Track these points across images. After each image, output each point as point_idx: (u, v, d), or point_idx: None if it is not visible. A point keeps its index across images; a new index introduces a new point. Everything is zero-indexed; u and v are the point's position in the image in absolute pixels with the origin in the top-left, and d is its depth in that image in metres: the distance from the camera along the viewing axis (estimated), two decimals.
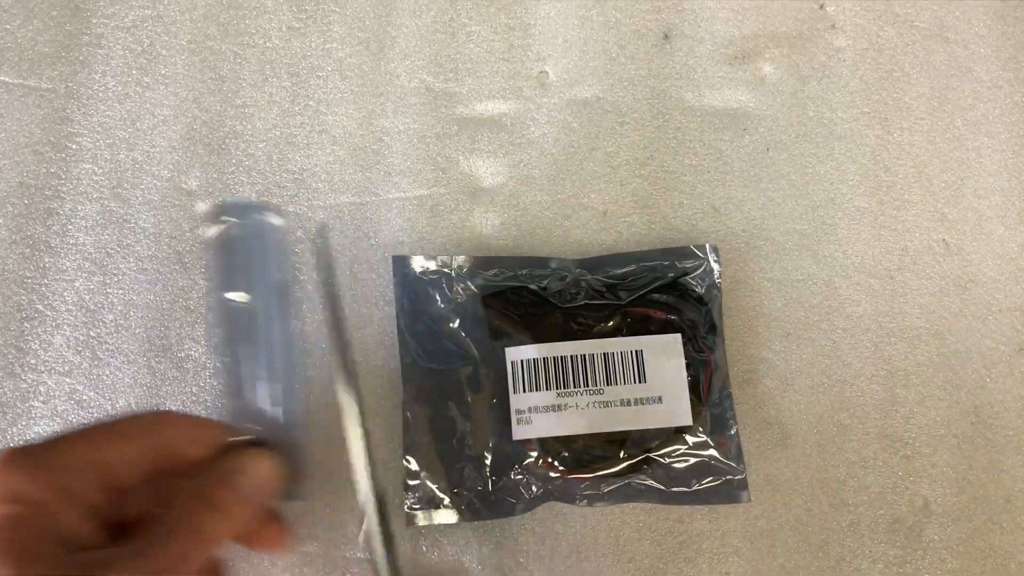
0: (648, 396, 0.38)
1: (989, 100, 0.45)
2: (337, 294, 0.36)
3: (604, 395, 0.38)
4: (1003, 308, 0.43)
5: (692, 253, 0.41)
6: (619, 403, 0.38)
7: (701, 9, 0.46)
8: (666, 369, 0.39)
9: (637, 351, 0.39)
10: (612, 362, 0.39)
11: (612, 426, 0.38)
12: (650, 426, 0.38)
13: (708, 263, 0.41)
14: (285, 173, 0.44)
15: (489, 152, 0.45)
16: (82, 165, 0.45)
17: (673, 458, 0.39)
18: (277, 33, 0.46)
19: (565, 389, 0.39)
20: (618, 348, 0.39)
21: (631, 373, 0.39)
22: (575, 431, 0.38)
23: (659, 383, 0.39)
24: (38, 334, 0.42)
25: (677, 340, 0.39)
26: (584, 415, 0.38)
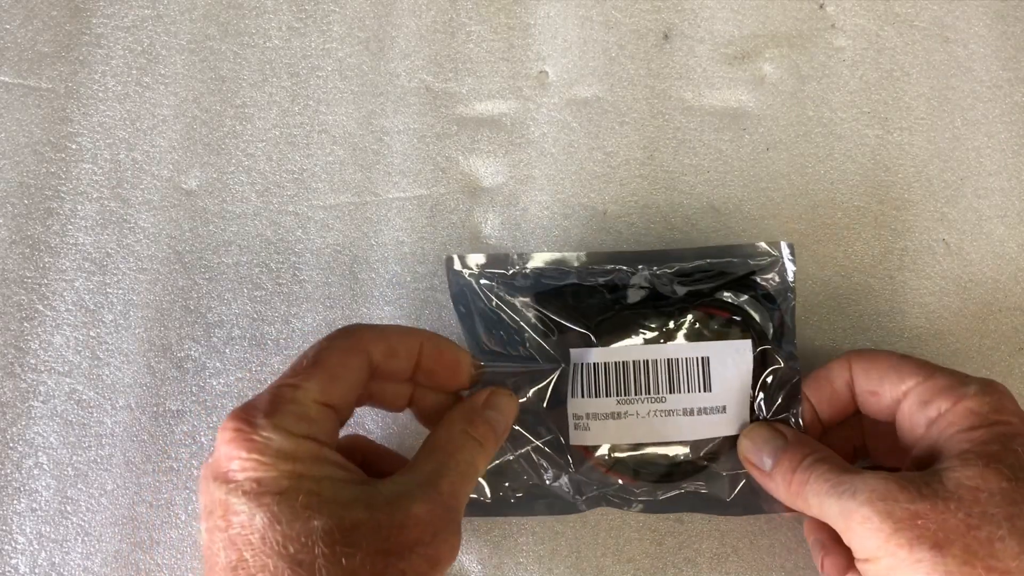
0: (712, 406, 0.37)
1: (989, 100, 0.45)
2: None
3: (666, 403, 0.37)
4: (1003, 308, 0.43)
5: (765, 251, 0.38)
6: (681, 412, 0.37)
7: (701, 9, 0.46)
8: (732, 377, 0.37)
9: (703, 358, 0.37)
10: (677, 369, 0.37)
11: (672, 436, 0.37)
12: (712, 435, 0.37)
13: (782, 261, 0.38)
14: (285, 173, 0.44)
15: (489, 152, 0.45)
16: (82, 165, 0.45)
17: (731, 468, 0.37)
18: (277, 33, 0.46)
19: (626, 396, 0.37)
20: (684, 354, 0.37)
21: (696, 381, 0.37)
22: (634, 440, 0.37)
23: (724, 392, 0.37)
24: (38, 334, 0.42)
25: (747, 347, 0.37)
26: (644, 424, 0.37)
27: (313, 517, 0.26)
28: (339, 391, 0.31)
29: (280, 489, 0.27)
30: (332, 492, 0.28)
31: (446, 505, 0.29)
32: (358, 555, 0.26)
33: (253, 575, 0.26)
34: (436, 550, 0.28)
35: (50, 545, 0.40)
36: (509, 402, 0.35)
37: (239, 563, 0.27)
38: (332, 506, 0.27)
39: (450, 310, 0.43)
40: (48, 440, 0.41)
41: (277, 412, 0.29)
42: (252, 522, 0.27)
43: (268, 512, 0.27)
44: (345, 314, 0.43)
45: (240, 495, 0.27)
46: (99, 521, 0.40)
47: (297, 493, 0.27)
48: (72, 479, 0.41)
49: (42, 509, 0.40)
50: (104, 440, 0.41)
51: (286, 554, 0.26)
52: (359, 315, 0.43)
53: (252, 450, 0.28)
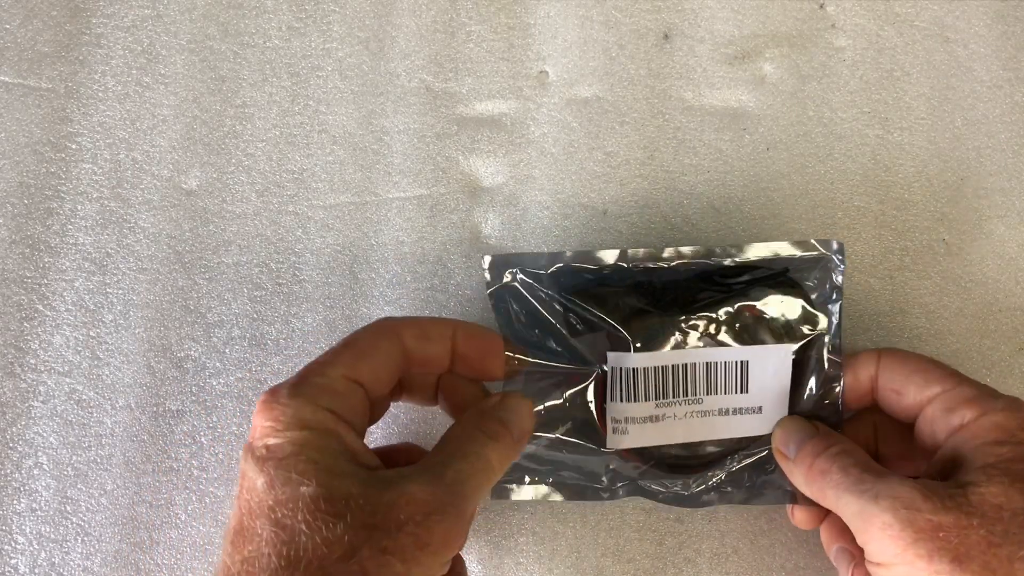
0: (748, 406, 0.37)
1: (989, 100, 0.45)
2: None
3: (703, 404, 0.37)
4: (1003, 308, 0.43)
5: (813, 246, 0.37)
6: (717, 412, 0.37)
7: (701, 9, 0.46)
8: (771, 380, 0.37)
9: (743, 362, 0.37)
10: (715, 372, 0.37)
11: (708, 435, 0.37)
12: (746, 434, 0.37)
13: (832, 261, 0.37)
14: (285, 173, 0.44)
15: (489, 152, 0.45)
16: (82, 165, 0.45)
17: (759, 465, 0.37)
18: (277, 33, 0.46)
19: (664, 400, 0.37)
20: (723, 358, 0.37)
21: (734, 383, 0.37)
22: (671, 441, 0.37)
23: (761, 393, 0.37)
24: (38, 334, 0.42)
25: (788, 352, 0.37)
26: (681, 425, 0.37)
27: (303, 484, 0.27)
28: (368, 368, 0.32)
29: (283, 455, 0.28)
30: (331, 463, 0.28)
31: (447, 490, 0.29)
32: (340, 526, 0.26)
33: (246, 537, 0.27)
34: (427, 531, 0.27)
35: (50, 545, 0.40)
36: (522, 404, 0.35)
37: (238, 526, 0.28)
38: (325, 476, 0.28)
39: (451, 310, 0.43)
40: (48, 440, 0.41)
41: (301, 383, 0.30)
42: (255, 486, 0.28)
43: (267, 476, 0.28)
44: (345, 314, 0.43)
45: (251, 460, 0.28)
46: (99, 521, 0.40)
47: (296, 460, 0.28)
48: (72, 479, 0.41)
49: (42, 509, 0.40)
50: (104, 440, 0.41)
51: (273, 518, 0.27)
52: (359, 315, 0.43)
53: (269, 418, 0.29)
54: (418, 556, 0.27)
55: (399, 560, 0.27)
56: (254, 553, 0.27)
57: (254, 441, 0.29)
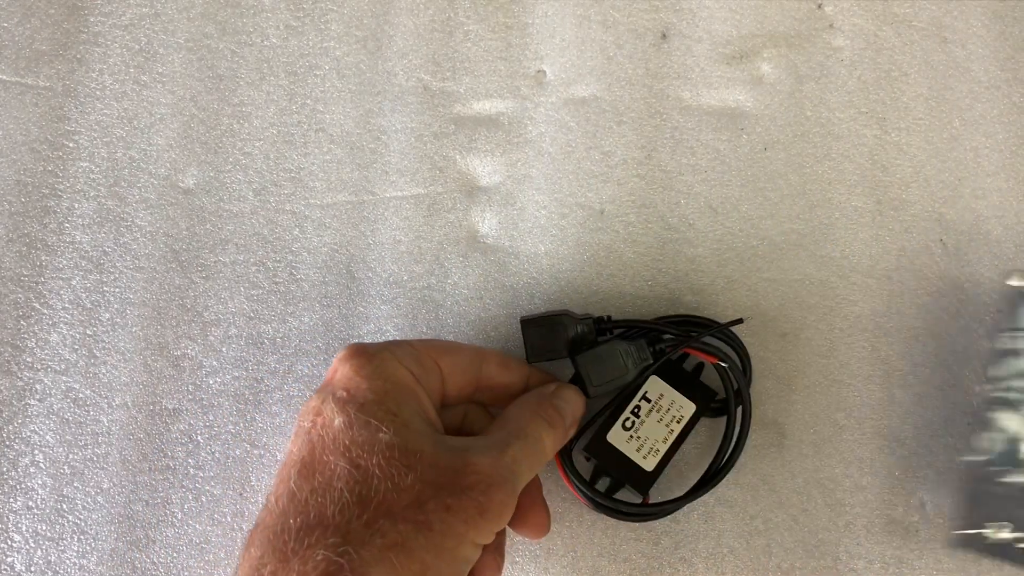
0: None
1: (987, 100, 0.45)
2: None
3: None
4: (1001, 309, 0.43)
5: None
6: None
7: (699, 9, 0.46)
8: None
9: None
10: None
11: None
12: None
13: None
14: (282, 172, 0.44)
15: (486, 151, 0.45)
16: (79, 163, 0.45)
17: None
18: (275, 32, 0.46)
19: None
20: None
21: None
22: None
23: None
24: (34, 332, 0.42)
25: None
26: None
27: (381, 431, 0.29)
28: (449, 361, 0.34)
29: (364, 400, 0.30)
30: (407, 418, 0.30)
31: (507, 467, 0.30)
32: (410, 476, 0.28)
33: (317, 469, 0.28)
34: (488, 499, 0.29)
35: (46, 543, 0.40)
36: (577, 396, 0.37)
37: (309, 458, 0.29)
38: (402, 428, 0.29)
39: (447, 309, 0.43)
40: (44, 438, 0.41)
41: (389, 344, 0.32)
42: (332, 423, 0.29)
43: (346, 417, 0.29)
44: (342, 312, 0.43)
45: (331, 401, 0.30)
46: (95, 519, 0.40)
47: (376, 408, 0.29)
48: (68, 477, 0.41)
49: (38, 507, 0.40)
50: (100, 438, 0.41)
51: (348, 456, 0.28)
52: (356, 314, 0.43)
53: (354, 365, 0.31)
54: (477, 521, 0.29)
55: (461, 520, 0.28)
56: (324, 484, 0.28)
57: (334, 384, 0.31)
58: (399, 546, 0.27)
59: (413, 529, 0.27)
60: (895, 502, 0.41)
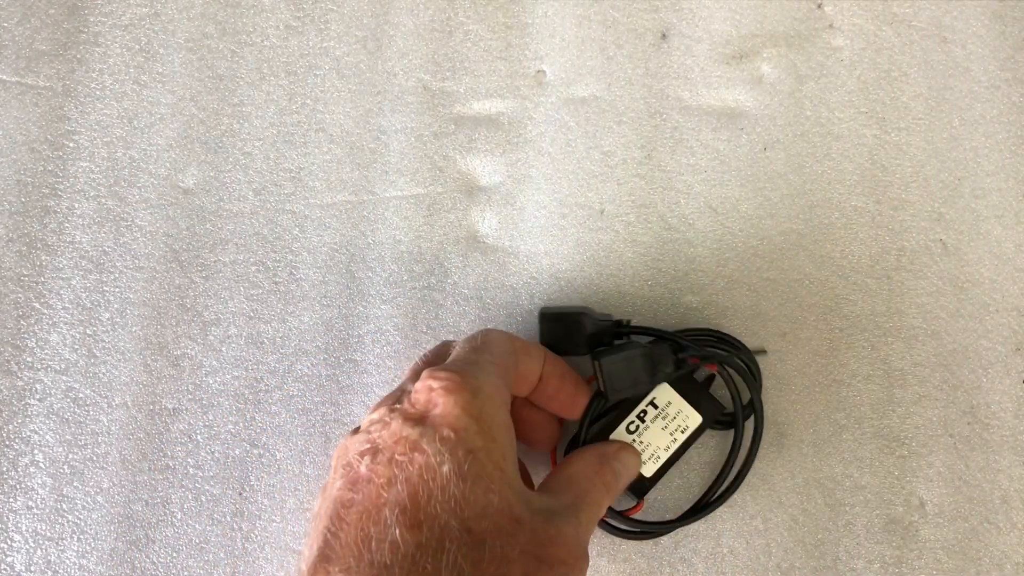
0: None
1: (987, 100, 0.45)
2: None
3: None
4: (1000, 308, 0.43)
5: None
6: None
7: (699, 8, 0.46)
8: None
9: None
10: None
11: None
12: None
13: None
14: (282, 172, 0.44)
15: (486, 151, 0.45)
16: (79, 163, 0.45)
17: None
18: (275, 31, 0.46)
19: None
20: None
21: None
22: None
23: None
24: (35, 332, 0.42)
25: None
26: None
27: (491, 491, 0.27)
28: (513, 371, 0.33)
29: (474, 447, 0.27)
30: (511, 474, 0.28)
31: (584, 538, 0.30)
32: (517, 548, 0.26)
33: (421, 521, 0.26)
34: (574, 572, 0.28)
35: (46, 543, 0.40)
36: (635, 462, 0.36)
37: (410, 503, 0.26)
38: (508, 489, 0.27)
39: (447, 309, 0.43)
40: (44, 438, 0.41)
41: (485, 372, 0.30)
42: (439, 469, 0.26)
43: (457, 466, 0.27)
44: (342, 313, 0.43)
45: (435, 439, 0.27)
46: (95, 519, 0.40)
47: (487, 460, 0.27)
48: (68, 477, 0.41)
49: (38, 507, 0.40)
50: (100, 438, 0.41)
51: (460, 515, 0.26)
52: (356, 314, 0.43)
53: (459, 401, 0.28)
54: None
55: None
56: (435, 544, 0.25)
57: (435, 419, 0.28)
58: None
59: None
60: (895, 502, 0.41)
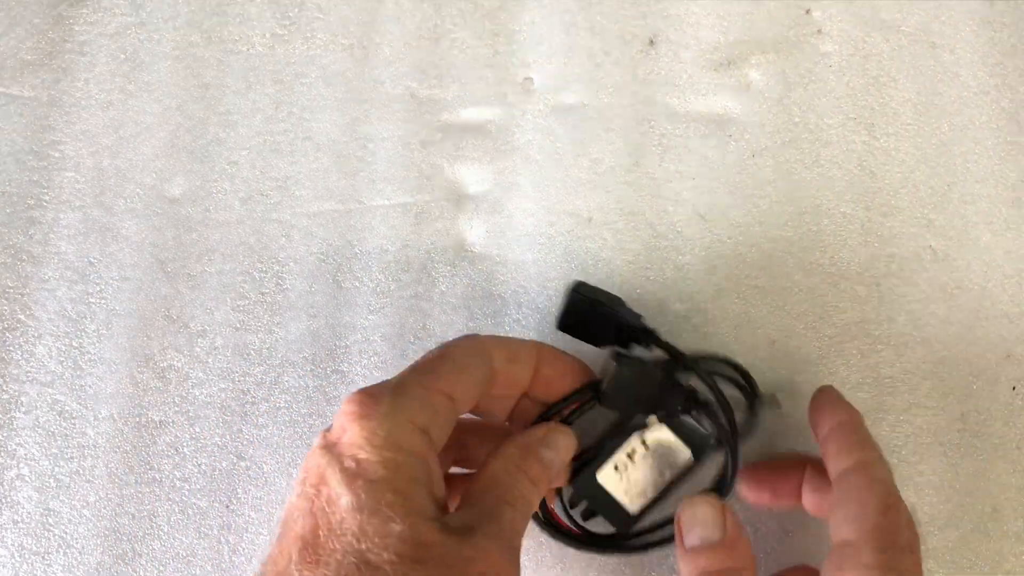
0: None
1: (976, 106, 0.45)
2: None
3: None
4: (990, 315, 0.42)
5: None
6: None
7: (687, 15, 0.46)
8: None
9: None
10: None
11: None
12: None
13: None
14: (269, 180, 0.44)
15: (474, 159, 0.45)
16: (65, 173, 0.44)
17: None
18: (261, 40, 0.46)
19: None
20: None
21: None
22: None
23: None
24: (19, 344, 0.42)
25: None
26: None
27: (392, 520, 0.26)
28: (462, 384, 0.31)
29: (375, 477, 0.26)
30: (419, 501, 0.27)
31: (508, 543, 0.29)
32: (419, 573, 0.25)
33: (319, 556, 0.25)
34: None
35: (32, 557, 0.40)
36: (567, 441, 0.34)
37: (311, 537, 0.26)
38: (413, 515, 0.26)
39: (435, 318, 0.42)
40: (30, 451, 0.41)
41: (403, 395, 0.29)
42: (338, 501, 0.26)
43: (355, 497, 0.26)
44: (329, 323, 0.42)
45: (337, 470, 0.27)
46: (81, 533, 0.40)
47: (387, 488, 0.26)
48: (54, 490, 0.40)
49: (24, 521, 0.40)
50: (87, 451, 0.41)
51: (358, 549, 0.25)
52: (343, 324, 0.42)
53: (365, 428, 0.27)
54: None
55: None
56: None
57: (342, 447, 0.27)
58: None
59: None
60: None
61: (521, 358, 0.34)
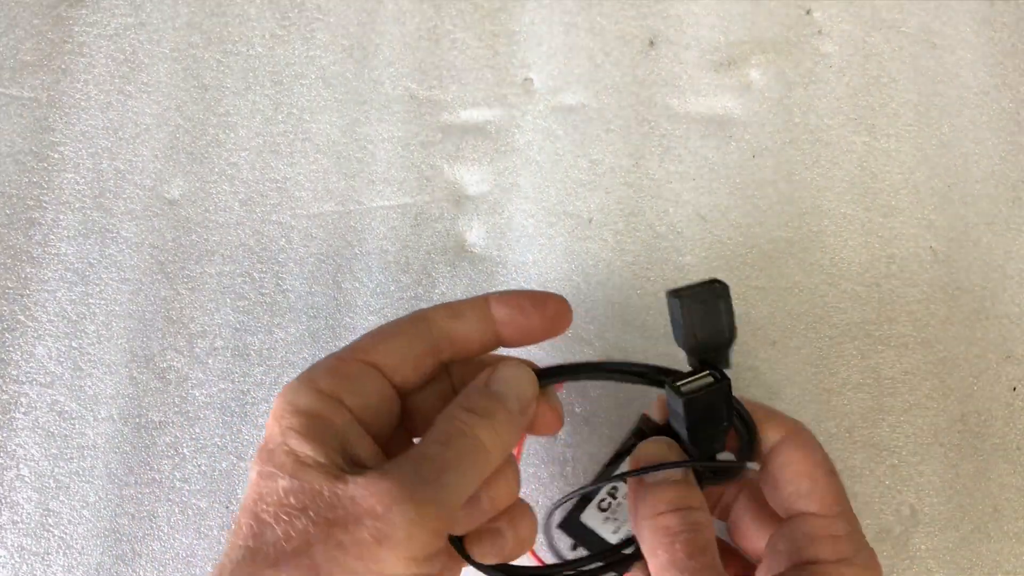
0: None
1: (976, 106, 0.45)
2: None
3: None
4: (991, 316, 0.42)
5: None
6: None
7: (687, 15, 0.46)
8: None
9: None
10: None
11: None
12: None
13: None
14: (268, 182, 0.44)
15: (474, 160, 0.45)
16: (64, 174, 0.44)
17: None
18: (260, 41, 0.46)
19: None
20: None
21: None
22: None
23: None
24: (19, 345, 0.42)
25: None
26: None
27: (279, 476, 0.27)
28: (387, 349, 0.30)
29: (273, 444, 0.27)
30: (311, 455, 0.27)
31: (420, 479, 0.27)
32: (301, 519, 0.26)
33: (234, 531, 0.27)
34: (388, 524, 0.25)
35: (31, 558, 0.40)
36: (517, 374, 0.31)
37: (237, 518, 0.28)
38: (299, 468, 0.27)
39: None
40: (30, 452, 0.41)
41: (314, 368, 0.29)
42: (250, 478, 0.28)
43: (256, 468, 0.27)
44: (329, 324, 0.42)
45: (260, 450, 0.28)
46: (81, 533, 0.40)
47: (279, 451, 0.27)
48: (54, 491, 0.40)
49: (23, 521, 0.40)
50: (86, 452, 0.41)
51: (253, 511, 0.26)
52: (343, 325, 0.42)
53: (276, 403, 0.28)
54: (376, 552, 0.25)
55: (354, 556, 0.25)
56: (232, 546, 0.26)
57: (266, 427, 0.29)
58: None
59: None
60: (885, 511, 0.40)
61: (465, 313, 0.32)
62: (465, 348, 0.32)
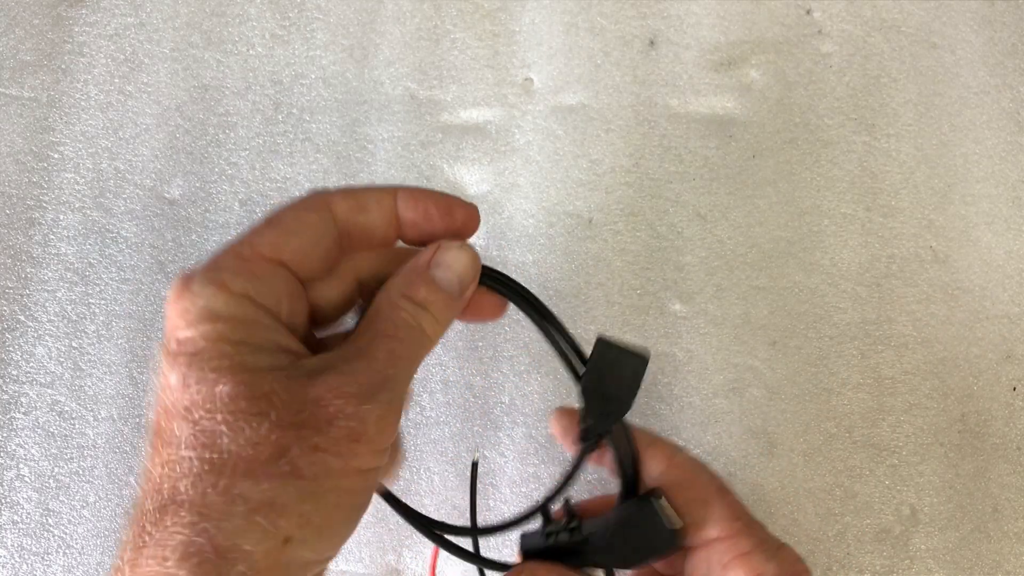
0: None
1: (976, 106, 0.45)
2: None
3: None
4: (990, 316, 0.42)
5: None
6: None
7: (687, 15, 0.46)
8: None
9: None
10: None
11: None
12: None
13: None
14: (268, 182, 0.44)
15: (474, 160, 0.45)
16: (64, 174, 0.44)
17: None
18: (260, 41, 0.46)
19: None
20: None
21: None
22: None
23: None
24: (19, 345, 0.42)
25: None
26: None
27: (220, 382, 0.25)
28: (293, 245, 0.28)
29: (195, 349, 0.25)
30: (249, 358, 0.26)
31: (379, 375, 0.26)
32: (264, 425, 0.24)
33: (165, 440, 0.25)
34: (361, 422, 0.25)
35: (31, 558, 0.40)
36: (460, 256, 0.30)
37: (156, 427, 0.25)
38: (244, 373, 0.25)
39: None
40: (30, 452, 0.41)
41: (215, 268, 0.27)
42: (168, 383, 0.25)
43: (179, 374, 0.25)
44: None
45: (164, 355, 0.26)
46: (81, 533, 0.40)
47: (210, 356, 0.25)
48: (54, 491, 0.40)
49: (24, 521, 0.40)
50: (86, 451, 0.41)
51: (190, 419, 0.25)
52: None
53: (179, 309, 0.26)
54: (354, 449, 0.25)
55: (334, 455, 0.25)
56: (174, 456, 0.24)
57: (165, 334, 0.26)
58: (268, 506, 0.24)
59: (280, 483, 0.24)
60: (885, 511, 0.40)
61: (371, 207, 0.30)
62: (365, 241, 0.30)
